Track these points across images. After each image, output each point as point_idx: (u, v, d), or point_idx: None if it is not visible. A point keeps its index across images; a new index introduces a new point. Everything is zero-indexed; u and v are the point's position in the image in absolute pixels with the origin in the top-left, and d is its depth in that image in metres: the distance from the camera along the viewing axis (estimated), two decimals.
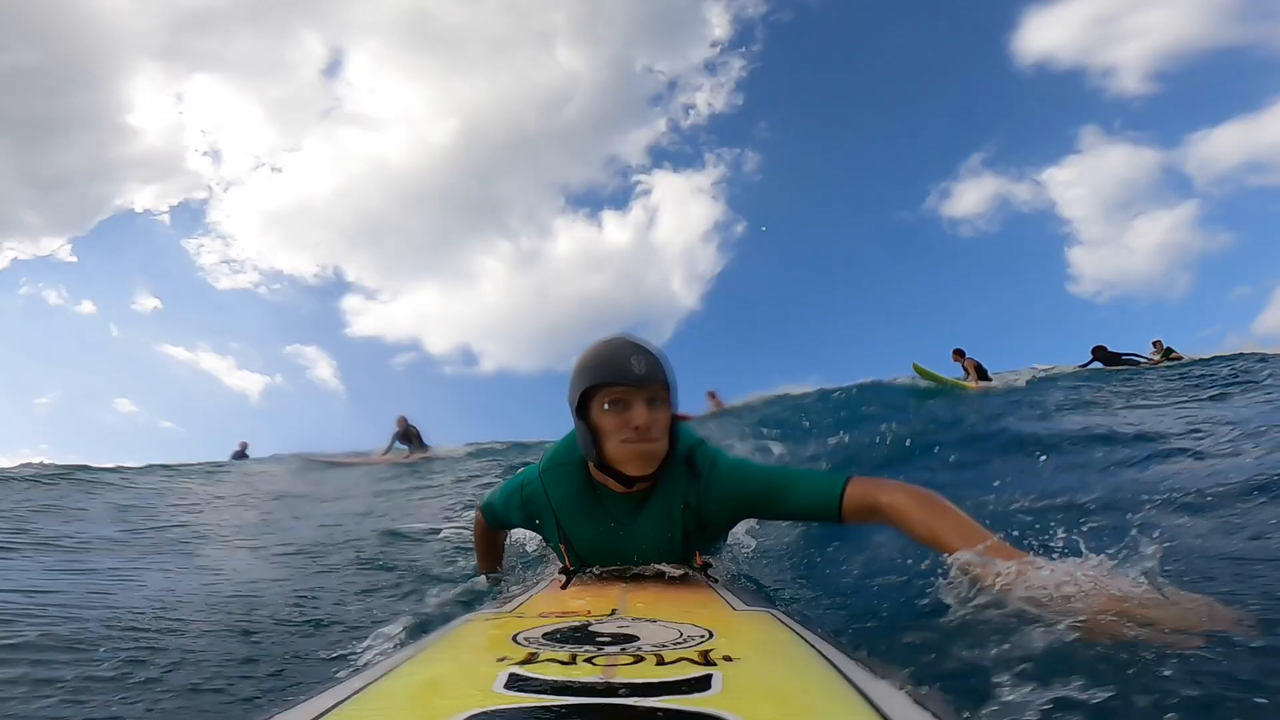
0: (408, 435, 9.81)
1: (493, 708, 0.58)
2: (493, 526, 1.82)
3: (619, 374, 1.30)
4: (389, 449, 9.63)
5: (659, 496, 1.41)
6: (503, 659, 0.75)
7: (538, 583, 1.69)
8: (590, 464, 1.41)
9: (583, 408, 1.34)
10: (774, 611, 1.16)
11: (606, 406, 1.31)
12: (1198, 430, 3.55)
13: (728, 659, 0.73)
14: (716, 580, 1.45)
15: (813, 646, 0.89)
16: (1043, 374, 9.79)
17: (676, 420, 1.40)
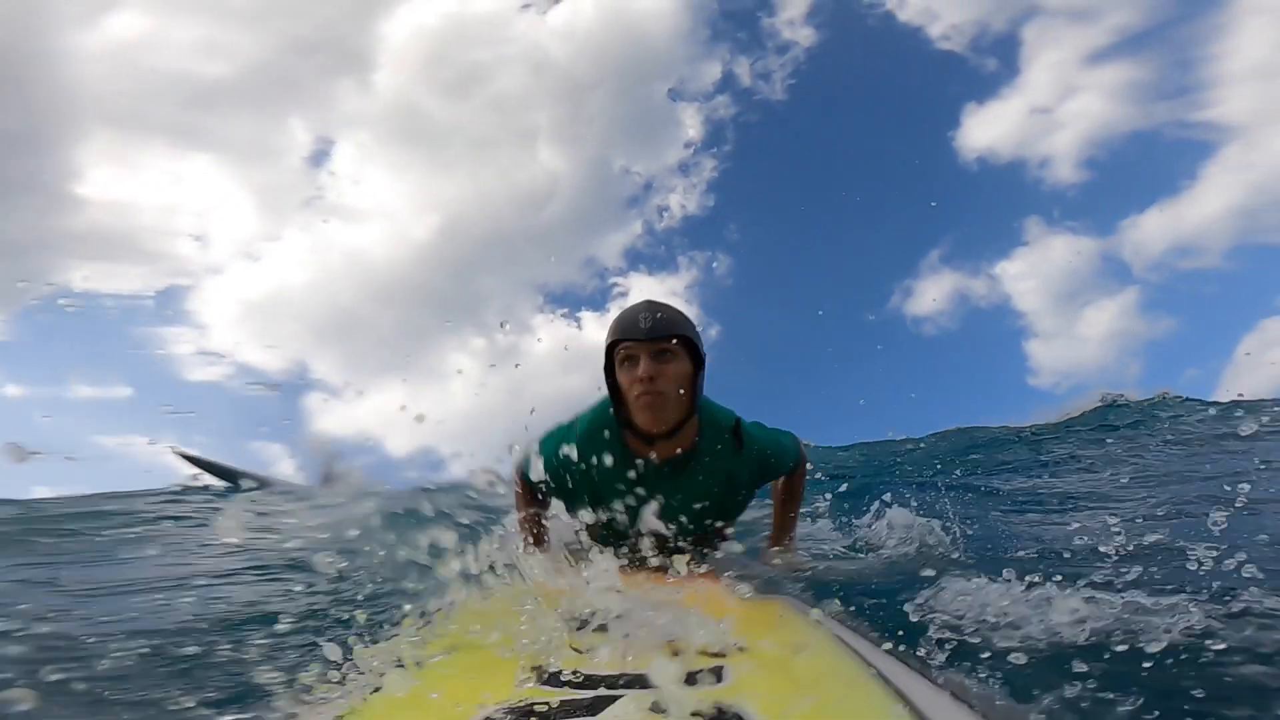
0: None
1: (516, 703, 0.60)
2: (531, 496, 1.54)
3: (627, 330, 1.37)
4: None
5: (699, 465, 1.43)
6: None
7: (543, 563, 1.67)
8: (624, 430, 1.42)
9: (610, 370, 1.41)
10: (783, 598, 1.17)
11: (623, 364, 1.38)
12: None
13: (740, 649, 0.75)
14: (741, 548, 1.46)
15: (825, 630, 0.90)
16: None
17: (699, 380, 1.39)
